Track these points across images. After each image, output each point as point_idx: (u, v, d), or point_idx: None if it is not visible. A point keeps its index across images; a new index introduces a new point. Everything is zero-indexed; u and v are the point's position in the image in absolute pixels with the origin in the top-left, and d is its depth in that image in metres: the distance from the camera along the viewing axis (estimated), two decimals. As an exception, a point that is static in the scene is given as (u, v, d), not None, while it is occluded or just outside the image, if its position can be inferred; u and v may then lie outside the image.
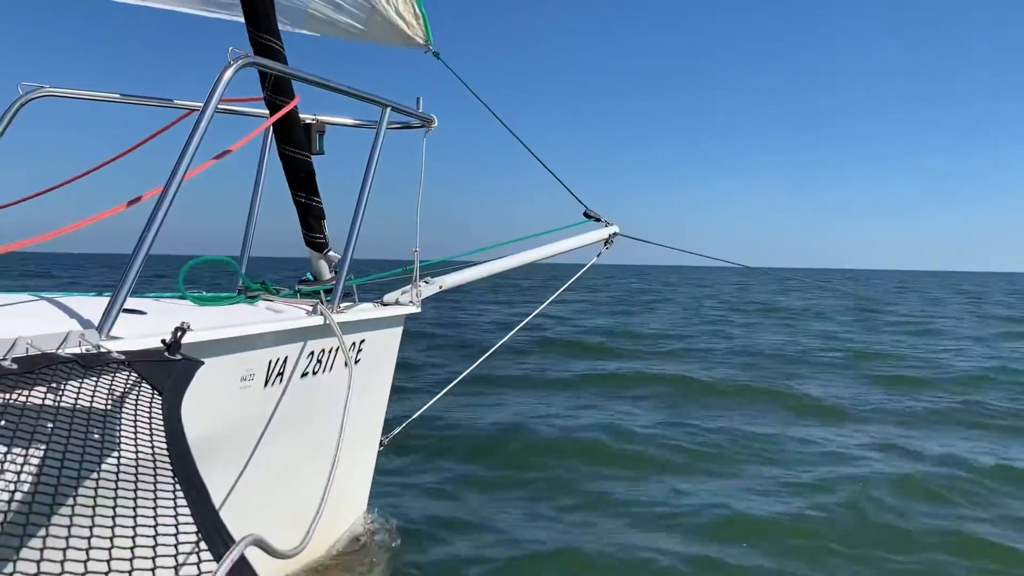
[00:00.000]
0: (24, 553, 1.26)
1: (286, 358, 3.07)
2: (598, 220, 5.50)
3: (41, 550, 1.27)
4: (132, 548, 1.26)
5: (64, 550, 1.27)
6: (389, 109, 3.55)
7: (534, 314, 5.97)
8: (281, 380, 3.07)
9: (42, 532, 1.28)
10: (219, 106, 2.59)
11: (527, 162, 5.35)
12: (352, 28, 4.75)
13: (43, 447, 1.61)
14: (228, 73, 2.58)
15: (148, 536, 1.25)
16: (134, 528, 1.26)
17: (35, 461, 1.58)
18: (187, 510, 1.33)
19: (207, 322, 2.61)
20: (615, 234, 5.51)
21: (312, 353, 3.26)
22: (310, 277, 3.85)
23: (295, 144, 3.62)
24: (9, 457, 1.51)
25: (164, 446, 1.53)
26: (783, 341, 16.29)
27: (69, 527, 1.30)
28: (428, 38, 4.78)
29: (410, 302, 3.96)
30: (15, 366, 1.65)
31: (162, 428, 1.61)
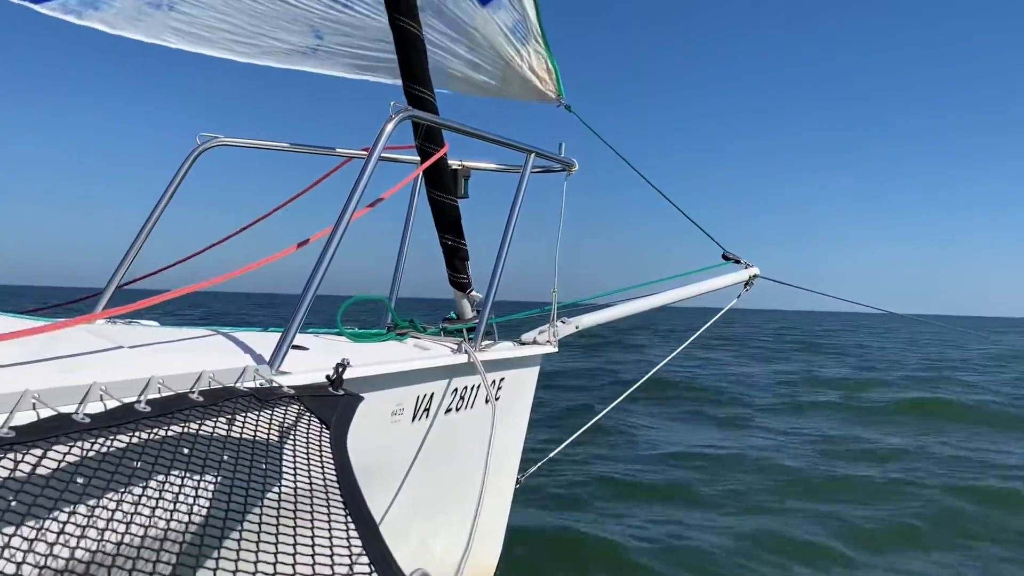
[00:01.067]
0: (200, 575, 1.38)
1: (432, 394, 3.19)
2: (737, 262, 5.42)
3: (215, 571, 1.38)
4: None
5: (234, 573, 1.37)
6: (533, 155, 3.67)
7: (679, 350, 5.86)
8: (427, 415, 3.19)
9: (216, 555, 1.39)
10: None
11: (663, 201, 5.36)
12: (488, 86, 5.00)
13: (220, 475, 1.76)
14: (391, 125, 2.76)
15: (324, 564, 1.34)
16: (312, 556, 1.36)
17: (213, 487, 1.73)
18: (358, 541, 1.41)
19: (362, 358, 2.75)
20: (755, 276, 5.41)
21: (456, 390, 3.37)
22: (454, 316, 3.99)
23: (443, 189, 3.79)
24: (190, 483, 1.66)
25: (333, 478, 1.63)
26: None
27: (240, 551, 1.41)
28: (560, 92, 4.96)
29: (547, 342, 4.03)
30: (201, 398, 1.81)
31: (331, 460, 1.72)
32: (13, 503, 1.30)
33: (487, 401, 3.56)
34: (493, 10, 4.83)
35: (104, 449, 1.55)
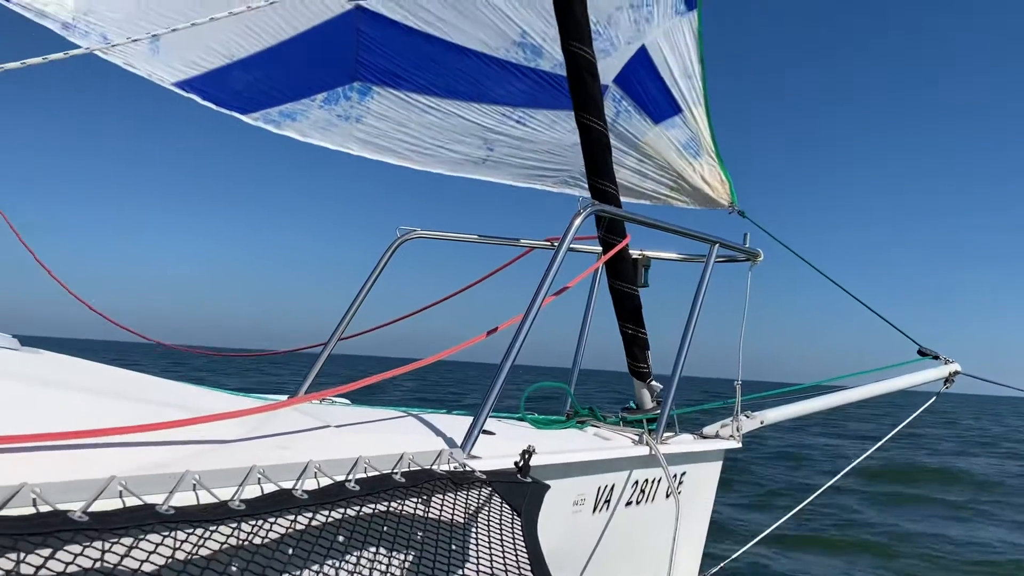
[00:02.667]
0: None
1: (613, 485, 3.17)
2: (936, 358, 5.08)
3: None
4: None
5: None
6: (717, 245, 3.66)
7: (879, 445, 5.50)
8: (608, 507, 3.17)
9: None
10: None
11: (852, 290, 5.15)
12: (657, 195, 5.13)
13: (415, 553, 1.83)
14: (579, 219, 2.87)
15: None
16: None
17: (409, 564, 1.80)
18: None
19: (545, 445, 2.79)
20: (956, 373, 5.04)
21: (637, 482, 3.33)
22: (633, 405, 3.97)
23: (625, 279, 3.84)
24: (389, 559, 1.74)
25: (526, 565, 1.66)
26: None
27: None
28: (733, 200, 4.98)
29: (730, 436, 3.91)
30: (403, 479, 1.91)
31: (523, 547, 1.75)
32: (241, 570, 1.43)
33: (668, 495, 3.48)
34: (666, 127, 4.99)
35: (316, 523, 1.66)
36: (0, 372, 1.83)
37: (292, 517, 1.61)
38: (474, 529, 1.94)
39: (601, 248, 3.81)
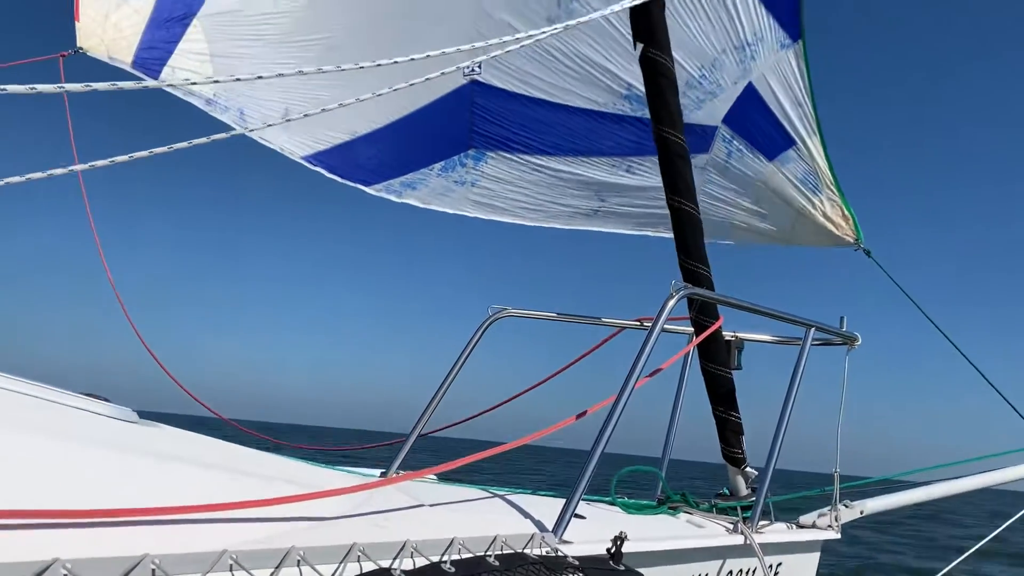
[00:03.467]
0: None
1: (706, 575, 3.08)
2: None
3: None
4: None
5: None
6: (813, 329, 3.59)
7: (996, 532, 5.13)
8: None
9: None
10: (649, 324, 2.88)
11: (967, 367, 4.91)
12: (776, 235, 5.03)
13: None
14: (672, 302, 2.88)
15: None
16: None
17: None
18: None
19: (637, 531, 2.75)
20: None
21: (731, 572, 3.22)
22: (727, 491, 3.87)
23: (717, 361, 3.80)
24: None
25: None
26: None
27: None
28: (859, 237, 4.85)
29: (828, 526, 3.76)
30: (497, 563, 1.92)
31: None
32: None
33: (763, 587, 3.36)
34: (781, 163, 4.94)
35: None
36: (119, 445, 1.95)
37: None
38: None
39: (693, 329, 3.79)
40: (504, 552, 2.02)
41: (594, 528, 2.61)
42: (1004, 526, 5.14)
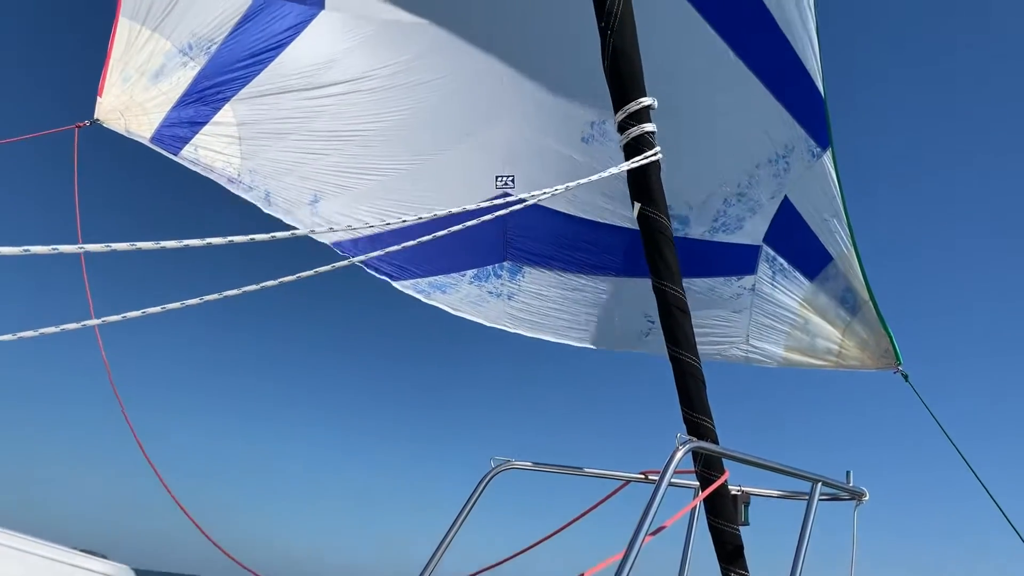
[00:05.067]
0: None
1: None
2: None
3: None
4: None
5: None
6: (820, 484, 3.54)
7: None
8: None
9: None
10: (653, 477, 2.85)
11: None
12: (824, 357, 5.02)
13: None
14: (678, 455, 2.85)
15: None
16: None
17: None
18: None
19: None
20: None
21: None
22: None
23: (724, 516, 3.71)
24: None
25: None
26: None
27: None
28: (898, 359, 4.84)
29: None
30: None
31: None
32: None
33: None
34: (821, 283, 4.96)
35: None
36: None
37: None
38: None
39: (699, 483, 3.73)
40: None
41: None
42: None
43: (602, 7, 3.60)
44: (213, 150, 5.07)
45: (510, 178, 5.40)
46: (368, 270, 5.54)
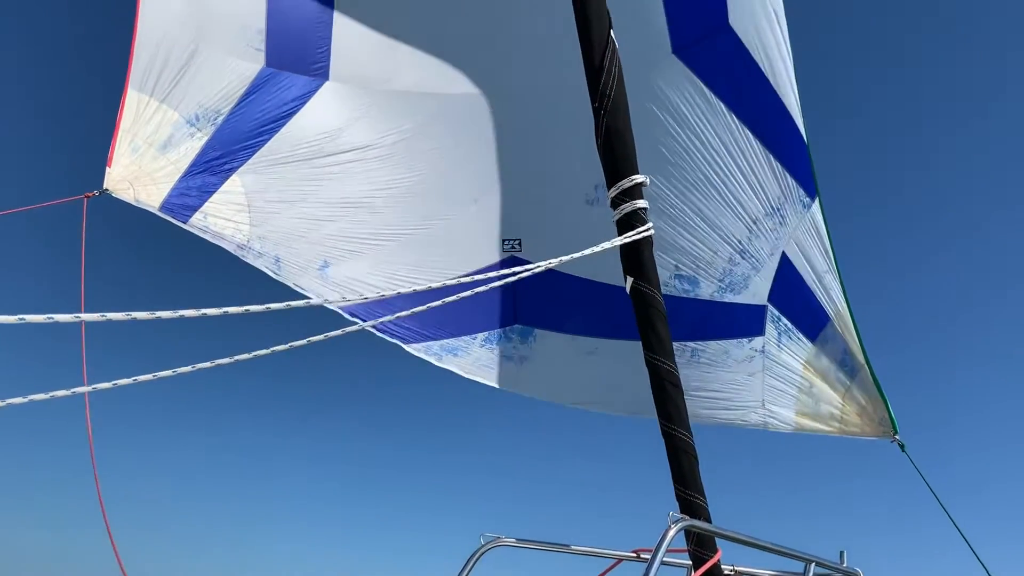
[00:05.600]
0: None
1: None
2: None
3: None
4: None
5: None
6: (813, 564, 3.50)
7: None
8: None
9: None
10: (646, 556, 2.81)
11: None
12: (828, 422, 4.99)
13: None
14: (671, 533, 2.81)
15: None
16: None
17: None
18: None
19: None
20: None
21: None
22: None
23: (721, 599, 3.65)
24: None
25: None
26: None
27: None
28: (894, 428, 4.81)
29: None
30: None
31: None
32: None
33: None
34: (822, 344, 4.95)
35: None
36: None
37: None
38: None
39: (691, 563, 3.68)
40: None
41: None
42: None
43: (596, 88, 3.69)
44: (223, 218, 5.14)
45: (517, 241, 5.45)
46: (380, 334, 5.55)
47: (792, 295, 4.95)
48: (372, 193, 5.46)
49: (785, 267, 4.94)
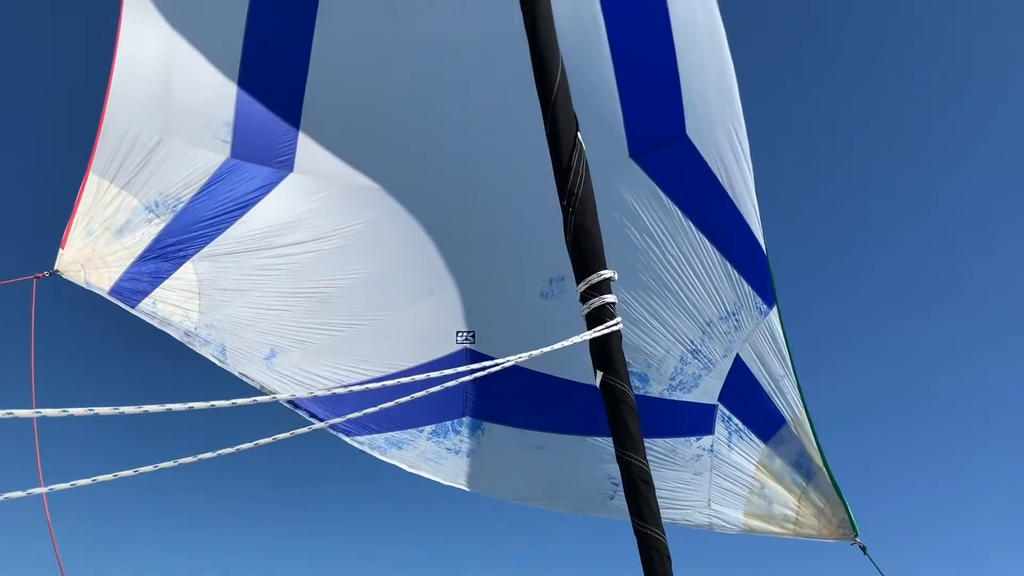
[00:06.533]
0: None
1: None
2: None
3: None
4: None
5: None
6: None
7: None
8: None
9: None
10: None
11: None
12: (782, 524, 5.00)
13: None
14: None
15: None
16: None
17: None
18: None
19: None
20: None
21: None
22: None
23: None
24: None
25: None
26: None
27: None
28: (854, 530, 4.82)
29: None
30: None
31: None
32: None
33: None
34: (776, 445, 4.99)
35: None
36: None
37: None
38: None
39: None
40: None
41: None
42: None
43: (564, 187, 3.79)
44: (172, 304, 5.06)
45: (471, 334, 5.46)
46: (332, 431, 5.42)
47: (745, 396, 5.05)
48: (326, 284, 5.46)
49: (739, 369, 5.05)
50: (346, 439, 5.44)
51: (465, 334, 5.47)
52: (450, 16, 5.31)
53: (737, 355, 5.09)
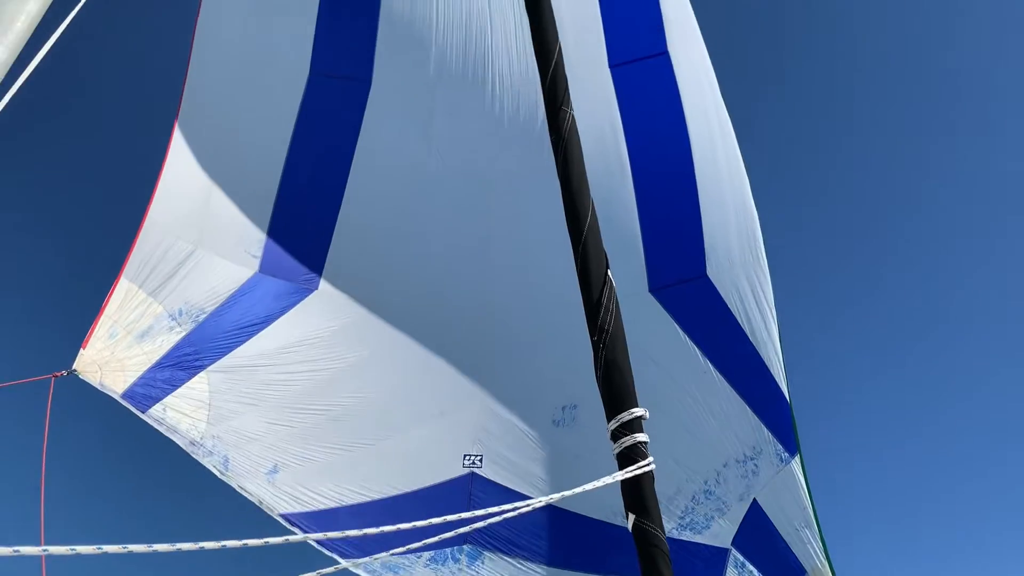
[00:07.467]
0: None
1: None
2: None
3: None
4: None
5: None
6: None
7: None
8: None
9: None
10: None
11: None
12: None
13: None
14: None
15: None
16: None
17: None
18: None
19: None
20: None
21: None
22: None
23: None
24: None
25: None
26: None
27: None
28: None
29: None
30: None
31: None
32: None
33: None
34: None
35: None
36: None
37: None
38: None
39: None
40: None
41: None
42: None
43: (594, 323, 3.77)
44: (181, 412, 5.07)
45: (478, 457, 5.40)
46: (317, 547, 5.33)
47: (761, 543, 4.92)
48: (337, 402, 5.47)
49: (756, 514, 4.94)
50: (339, 560, 5.31)
51: (473, 458, 5.43)
52: (487, 152, 5.50)
53: (755, 500, 4.99)
